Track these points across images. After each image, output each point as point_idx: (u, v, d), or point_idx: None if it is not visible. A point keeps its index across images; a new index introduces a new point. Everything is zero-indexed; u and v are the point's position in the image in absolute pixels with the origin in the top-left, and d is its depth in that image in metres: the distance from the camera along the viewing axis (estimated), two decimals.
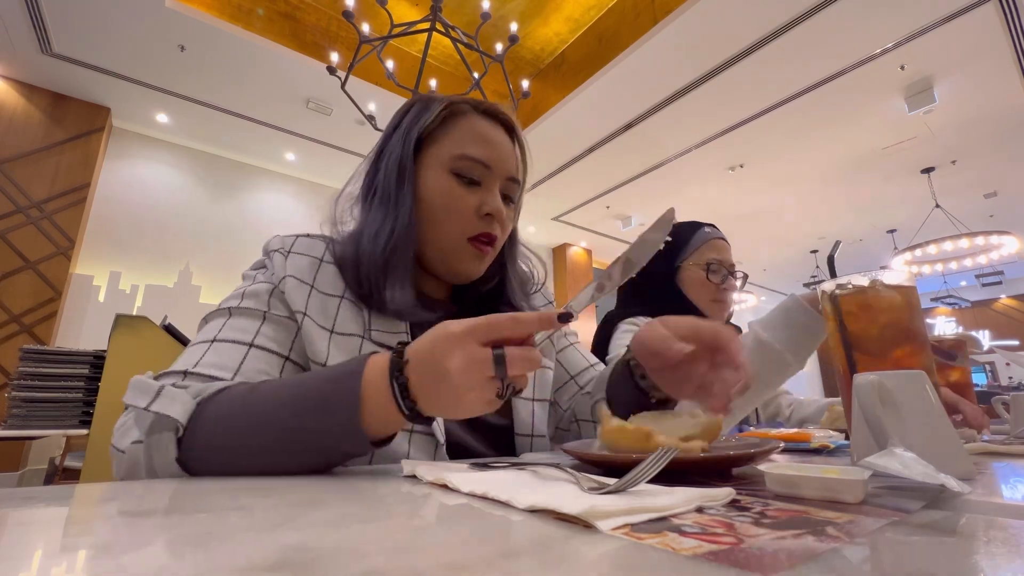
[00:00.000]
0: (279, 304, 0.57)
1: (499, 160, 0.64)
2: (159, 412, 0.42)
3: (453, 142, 0.63)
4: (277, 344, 0.55)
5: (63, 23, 3.15)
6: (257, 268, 0.63)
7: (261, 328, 0.54)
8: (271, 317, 0.56)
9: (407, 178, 0.62)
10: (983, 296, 9.95)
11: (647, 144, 4.59)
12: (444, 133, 0.64)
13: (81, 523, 0.27)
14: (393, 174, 0.63)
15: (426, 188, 0.63)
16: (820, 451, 0.57)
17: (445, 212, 0.62)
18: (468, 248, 0.63)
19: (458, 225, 0.62)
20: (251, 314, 0.55)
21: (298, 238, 0.64)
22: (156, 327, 0.85)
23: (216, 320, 0.55)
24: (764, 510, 0.27)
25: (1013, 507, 0.29)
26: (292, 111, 4.13)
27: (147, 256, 4.24)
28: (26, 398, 1.68)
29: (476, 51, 2.53)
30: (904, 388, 0.39)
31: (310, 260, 0.61)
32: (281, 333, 0.56)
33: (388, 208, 0.62)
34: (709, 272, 1.16)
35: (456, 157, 0.62)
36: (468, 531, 0.24)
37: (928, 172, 5.09)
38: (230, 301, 0.57)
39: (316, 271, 0.60)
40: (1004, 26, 3.18)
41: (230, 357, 0.51)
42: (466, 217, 0.62)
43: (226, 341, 0.52)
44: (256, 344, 0.53)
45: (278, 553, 0.19)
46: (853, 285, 0.54)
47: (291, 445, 0.42)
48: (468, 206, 0.62)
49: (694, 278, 1.17)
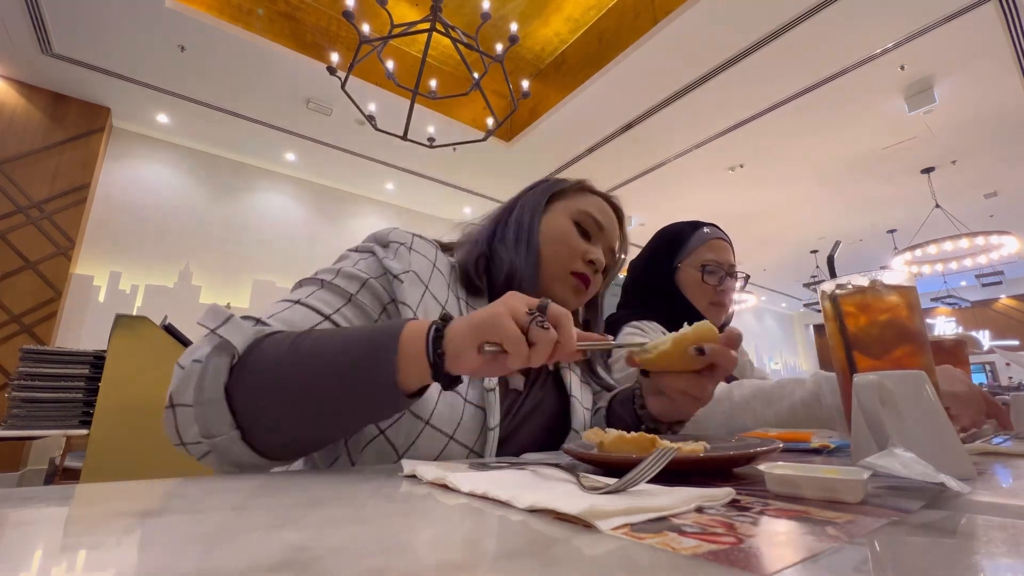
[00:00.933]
0: (368, 295, 0.60)
1: (610, 228, 0.78)
2: (222, 336, 0.45)
3: (580, 202, 0.78)
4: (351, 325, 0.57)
5: (63, 23, 3.15)
6: (363, 252, 0.65)
7: (343, 307, 0.58)
8: (356, 301, 0.59)
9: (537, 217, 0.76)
10: (983, 296, 9.95)
11: (647, 144, 4.59)
12: (574, 196, 0.80)
13: (81, 523, 0.27)
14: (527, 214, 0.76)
15: (550, 225, 0.76)
16: (820, 451, 0.57)
17: (560, 244, 0.74)
18: (570, 279, 0.74)
19: (568, 258, 0.74)
20: (339, 292, 0.59)
21: (415, 237, 0.69)
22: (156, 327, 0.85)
23: (307, 287, 0.59)
24: (764, 510, 0.27)
25: (1013, 507, 0.29)
26: (292, 111, 4.13)
27: (147, 256, 4.24)
28: (26, 398, 1.68)
29: (476, 51, 2.53)
30: (904, 388, 0.39)
31: (427, 261, 0.66)
32: (359, 318, 0.59)
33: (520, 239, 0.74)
34: (705, 273, 1.13)
35: (580, 211, 0.76)
36: (468, 531, 0.24)
37: (928, 172, 5.10)
38: (325, 274, 0.60)
39: (431, 274, 0.65)
40: (1004, 26, 3.18)
41: (304, 320, 0.54)
42: (575, 254, 0.74)
43: (307, 307, 0.56)
44: (332, 318, 0.56)
45: (278, 553, 0.19)
46: (853, 285, 0.54)
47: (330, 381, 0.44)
48: (579, 247, 0.74)
49: (691, 279, 1.15)
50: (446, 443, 0.57)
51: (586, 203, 0.78)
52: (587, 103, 4.03)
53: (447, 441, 0.57)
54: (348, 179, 5.29)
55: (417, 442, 0.55)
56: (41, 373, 1.70)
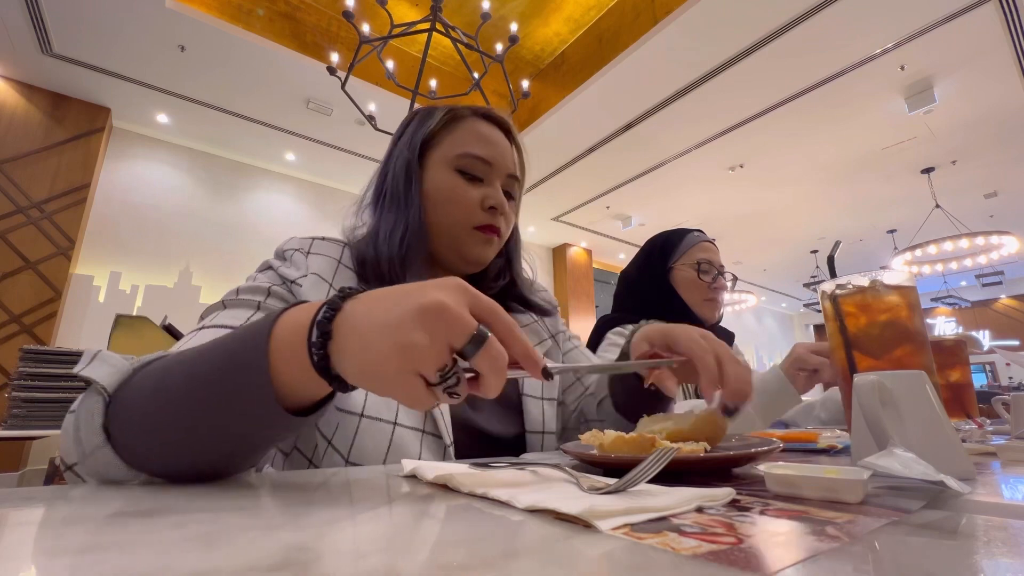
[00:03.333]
0: (277, 302, 0.56)
1: (499, 157, 0.69)
2: (85, 376, 0.38)
3: (456, 143, 0.68)
4: None
5: (63, 23, 3.15)
6: (262, 270, 0.63)
7: (252, 317, 0.53)
8: (264, 307, 0.55)
9: (414, 178, 0.67)
10: (983, 296, 9.95)
11: (647, 144, 4.59)
12: (447, 136, 0.69)
13: (81, 523, 0.27)
14: (401, 176, 0.67)
15: (432, 185, 0.67)
16: (828, 451, 0.57)
17: (451, 204, 0.66)
18: (476, 234, 0.67)
19: (464, 216, 0.66)
20: (245, 304, 0.55)
21: (315, 240, 0.65)
22: (156, 327, 0.85)
23: (211, 313, 0.55)
24: (764, 510, 0.27)
25: (1013, 507, 0.29)
26: (292, 111, 4.13)
27: (147, 256, 4.24)
28: (26, 398, 1.68)
29: (476, 51, 2.52)
30: (904, 388, 0.39)
31: (329, 260, 0.62)
32: None
33: (399, 208, 0.66)
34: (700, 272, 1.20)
35: (459, 156, 0.67)
36: (468, 531, 0.24)
37: (928, 172, 5.09)
38: (228, 296, 0.56)
39: (335, 271, 0.62)
40: (1004, 26, 3.18)
41: None
42: (471, 208, 0.66)
43: (213, 327, 0.50)
44: None
45: (278, 553, 0.19)
46: (853, 285, 0.54)
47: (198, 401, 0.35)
48: (472, 198, 0.67)
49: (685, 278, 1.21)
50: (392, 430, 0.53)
51: (463, 140, 0.68)
52: (587, 103, 4.03)
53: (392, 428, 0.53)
54: (348, 179, 5.29)
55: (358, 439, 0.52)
56: (41, 373, 1.70)
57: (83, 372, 0.38)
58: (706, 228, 5.41)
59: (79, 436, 0.37)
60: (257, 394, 0.32)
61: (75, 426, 0.38)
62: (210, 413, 0.35)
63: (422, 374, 0.30)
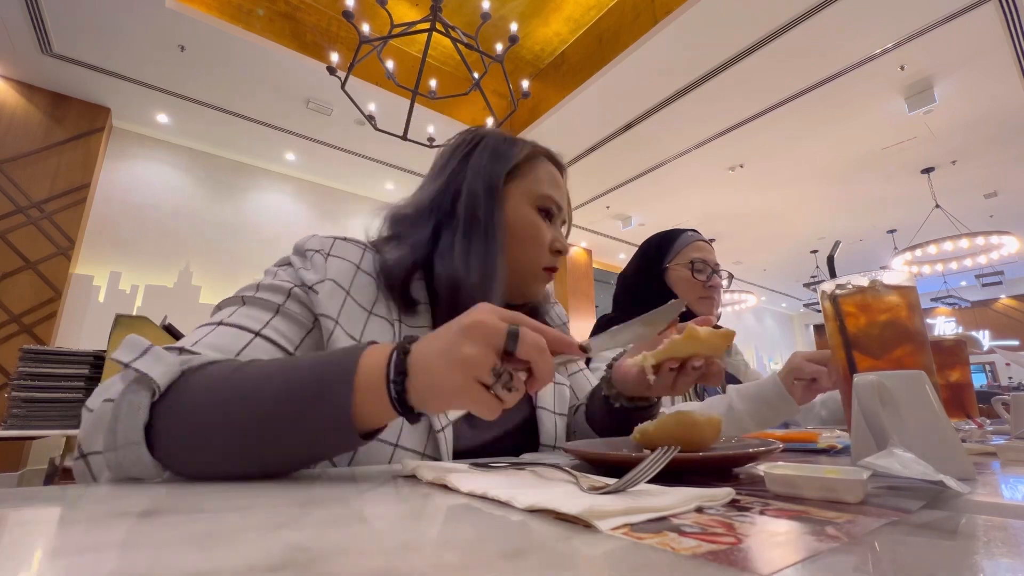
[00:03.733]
0: (296, 304, 0.56)
1: (565, 204, 0.74)
2: (139, 370, 0.39)
3: (538, 181, 0.70)
4: (285, 339, 0.53)
5: (63, 23, 3.15)
6: (281, 265, 0.61)
7: (272, 320, 0.53)
8: (284, 311, 0.54)
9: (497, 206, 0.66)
10: (983, 296, 9.95)
11: (647, 144, 4.59)
12: (529, 172, 0.70)
13: (80, 523, 0.27)
14: (482, 200, 0.65)
15: (514, 218, 0.67)
16: (827, 451, 0.57)
17: (530, 242, 0.68)
18: (541, 274, 0.70)
19: (538, 254, 0.69)
20: (265, 305, 0.54)
21: (336, 240, 0.63)
22: (156, 327, 0.85)
23: (228, 307, 0.54)
24: (764, 510, 0.27)
25: (1013, 507, 0.29)
26: (292, 111, 4.13)
27: (147, 256, 4.24)
28: (26, 398, 1.68)
29: (476, 51, 2.53)
30: (904, 388, 0.39)
31: (348, 265, 0.61)
32: (292, 329, 0.54)
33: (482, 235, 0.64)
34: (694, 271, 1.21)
35: (542, 196, 0.69)
36: (468, 531, 0.24)
37: (928, 172, 5.09)
38: (246, 291, 0.55)
39: (353, 278, 0.60)
40: (1004, 26, 3.18)
41: (232, 342, 0.49)
42: (544, 248, 0.69)
43: (232, 326, 0.50)
44: (262, 334, 0.51)
45: (278, 553, 0.19)
46: (853, 285, 0.54)
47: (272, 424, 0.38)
48: (547, 239, 0.69)
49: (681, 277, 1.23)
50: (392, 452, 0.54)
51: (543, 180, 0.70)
52: (587, 103, 4.03)
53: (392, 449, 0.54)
54: (348, 179, 5.29)
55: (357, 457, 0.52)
56: (41, 373, 1.70)
57: (136, 365, 0.39)
58: (706, 228, 5.37)
59: (115, 427, 0.38)
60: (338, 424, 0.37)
61: (113, 416, 0.38)
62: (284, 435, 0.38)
63: (480, 380, 0.36)
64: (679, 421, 0.45)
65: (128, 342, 0.40)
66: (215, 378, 0.40)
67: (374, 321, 0.59)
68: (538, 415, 0.70)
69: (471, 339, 0.36)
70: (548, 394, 0.73)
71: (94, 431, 0.39)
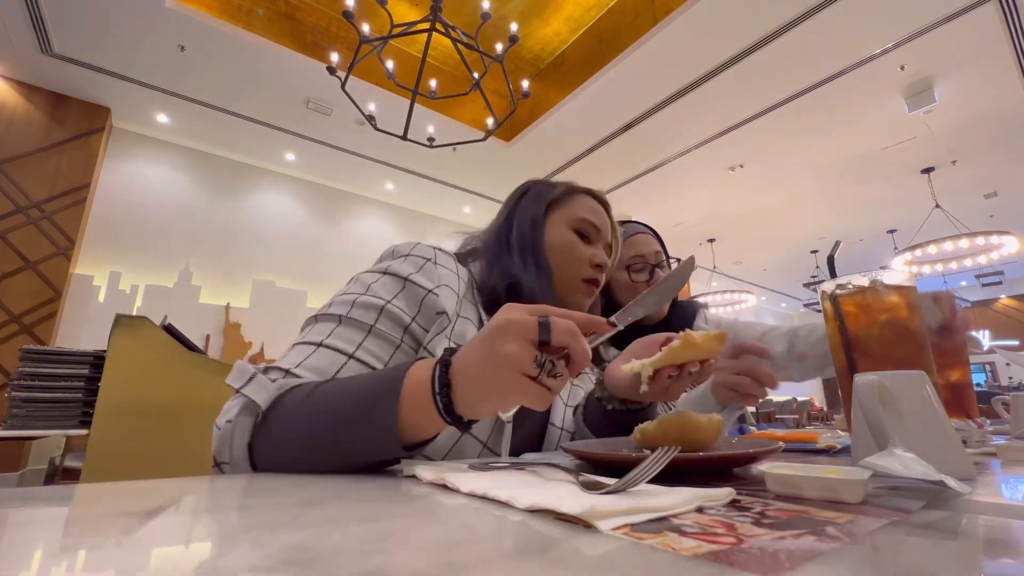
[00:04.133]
0: (388, 321, 0.61)
1: (605, 227, 0.83)
2: (247, 395, 0.48)
3: (575, 209, 0.81)
4: (375, 358, 0.58)
5: (63, 23, 3.15)
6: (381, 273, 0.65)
7: (364, 341, 0.58)
8: (376, 331, 0.59)
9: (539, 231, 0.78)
10: (983, 296, 9.95)
11: (647, 144, 4.59)
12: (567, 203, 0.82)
13: (81, 523, 0.27)
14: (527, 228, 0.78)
15: (553, 240, 0.79)
16: (827, 451, 0.57)
17: (569, 257, 0.78)
18: (583, 286, 0.78)
19: (577, 268, 0.78)
20: (358, 325, 0.59)
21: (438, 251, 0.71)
22: (156, 327, 0.84)
23: (325, 323, 0.60)
24: (764, 510, 0.27)
25: (1013, 507, 0.29)
26: (292, 111, 4.13)
27: (147, 256, 4.24)
28: (26, 398, 1.67)
29: (476, 51, 2.53)
30: (904, 388, 0.39)
31: (452, 274, 0.70)
32: (382, 348, 0.60)
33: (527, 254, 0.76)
34: (631, 272, 1.06)
35: (578, 219, 0.80)
36: (468, 531, 0.24)
37: (928, 172, 5.10)
38: (340, 307, 0.60)
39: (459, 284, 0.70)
40: (1004, 26, 3.19)
41: (330, 363, 0.55)
42: (583, 262, 0.78)
43: (330, 348, 0.56)
44: (356, 356, 0.57)
45: (279, 553, 0.19)
46: (853, 285, 0.54)
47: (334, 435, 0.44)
48: (585, 255, 0.78)
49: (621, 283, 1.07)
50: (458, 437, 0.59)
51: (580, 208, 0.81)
52: (587, 103, 4.03)
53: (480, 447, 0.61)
54: (348, 179, 5.29)
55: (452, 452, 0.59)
56: (41, 373, 1.70)
57: (245, 391, 0.48)
58: (706, 228, 5.37)
59: (233, 445, 0.47)
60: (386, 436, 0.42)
61: (231, 436, 0.47)
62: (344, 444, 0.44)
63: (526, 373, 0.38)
64: (679, 421, 0.46)
65: (238, 369, 0.49)
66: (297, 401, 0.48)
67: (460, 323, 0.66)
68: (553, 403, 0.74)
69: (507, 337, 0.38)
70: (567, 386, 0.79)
71: (221, 447, 0.48)
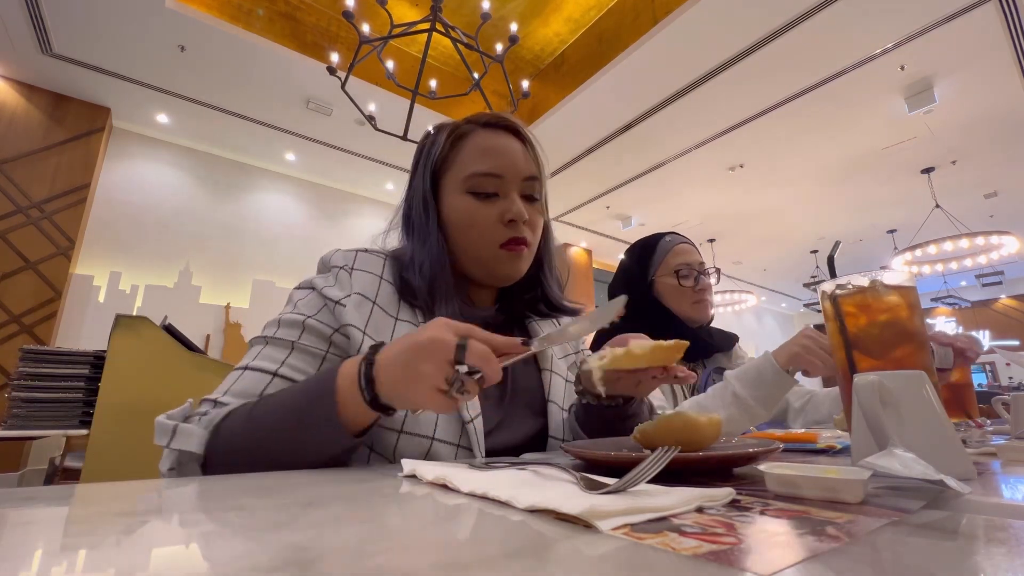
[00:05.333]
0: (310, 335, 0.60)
1: (509, 166, 0.68)
2: (180, 449, 0.50)
3: (462, 165, 0.69)
4: (299, 373, 0.59)
5: (63, 23, 3.15)
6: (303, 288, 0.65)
7: (287, 359, 0.59)
8: (299, 347, 0.60)
9: (430, 210, 0.69)
10: (983, 296, 9.95)
11: (647, 144, 4.59)
12: (455, 158, 0.70)
13: (81, 523, 0.27)
14: (419, 207, 0.70)
15: (449, 212, 0.69)
16: (826, 451, 0.57)
17: (470, 229, 0.67)
18: (501, 253, 0.68)
19: (487, 236, 0.67)
20: (281, 344, 0.60)
21: (358, 253, 0.67)
22: (156, 327, 0.84)
23: (256, 346, 0.61)
24: (764, 510, 0.27)
25: (1013, 507, 0.29)
26: (292, 111, 4.13)
27: (147, 256, 4.24)
28: (26, 398, 1.67)
29: (476, 51, 2.52)
30: (904, 388, 0.39)
31: (372, 277, 0.65)
32: (307, 361, 0.60)
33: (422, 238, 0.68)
34: (680, 278, 1.19)
35: (467, 177, 0.67)
36: (468, 531, 0.24)
37: (928, 172, 5.09)
38: (270, 328, 0.61)
39: (378, 288, 0.65)
40: (1004, 26, 3.18)
41: (254, 385, 0.57)
42: (490, 227, 0.67)
43: (254, 370, 0.58)
44: (279, 374, 0.58)
45: (278, 553, 0.19)
46: (853, 285, 0.54)
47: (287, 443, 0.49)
48: (490, 217, 0.67)
49: (668, 287, 1.21)
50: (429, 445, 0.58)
51: (468, 160, 0.68)
52: (587, 103, 4.03)
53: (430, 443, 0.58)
54: (348, 179, 5.29)
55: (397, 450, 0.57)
56: (41, 373, 1.70)
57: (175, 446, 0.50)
58: (706, 228, 5.38)
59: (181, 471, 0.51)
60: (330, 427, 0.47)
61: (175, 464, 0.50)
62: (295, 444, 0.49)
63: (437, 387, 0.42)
64: (679, 421, 0.46)
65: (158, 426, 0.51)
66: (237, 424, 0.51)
67: (401, 326, 0.63)
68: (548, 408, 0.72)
69: (426, 357, 0.42)
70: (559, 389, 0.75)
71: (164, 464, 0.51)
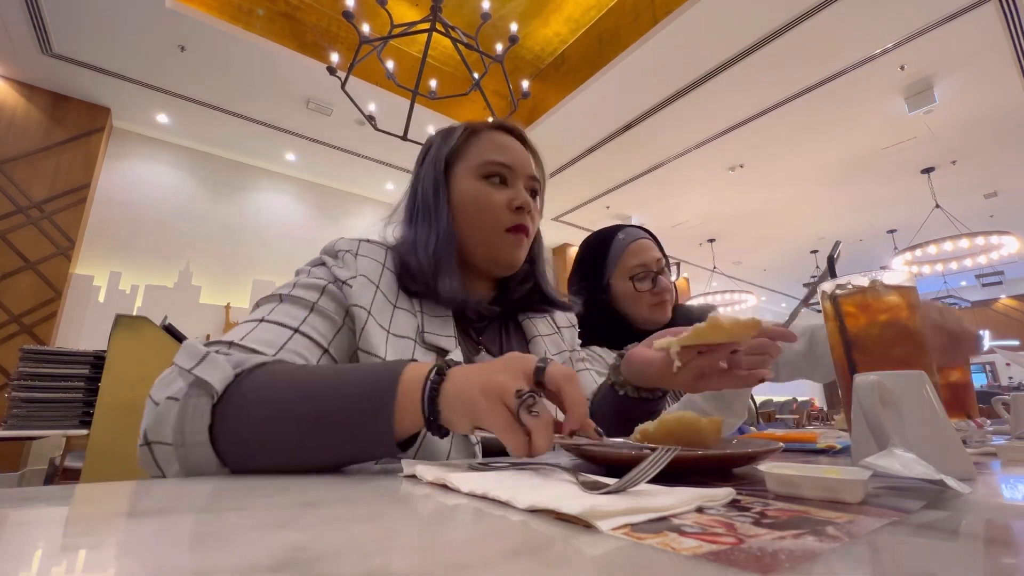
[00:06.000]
0: (329, 301, 0.60)
1: (519, 161, 0.74)
2: (199, 376, 0.44)
3: (477, 154, 0.73)
4: (320, 335, 0.57)
5: (63, 23, 3.15)
6: (315, 265, 0.66)
7: (308, 317, 0.57)
8: (319, 309, 0.59)
9: (441, 192, 0.71)
10: (983, 296, 9.95)
11: (647, 144, 4.59)
12: (468, 150, 0.74)
13: (81, 523, 0.27)
14: (430, 191, 0.72)
15: (460, 195, 0.72)
16: (826, 451, 0.57)
17: (480, 210, 0.70)
18: (507, 237, 0.71)
19: (494, 218, 0.70)
20: (301, 303, 0.58)
21: (362, 242, 0.68)
22: (156, 327, 0.84)
23: (267, 304, 0.59)
24: (764, 510, 0.27)
25: (1013, 507, 0.29)
26: (292, 111, 4.13)
27: (147, 256, 4.24)
28: (26, 398, 1.67)
29: (476, 51, 2.53)
30: (904, 388, 0.39)
31: (375, 263, 0.66)
32: (325, 326, 0.59)
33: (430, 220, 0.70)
34: (635, 282, 1.08)
35: (482, 164, 0.72)
36: (468, 531, 0.24)
37: (928, 172, 5.10)
38: (283, 289, 0.60)
39: (380, 274, 0.65)
40: (1004, 26, 3.19)
41: (276, 336, 0.54)
42: (499, 211, 0.70)
43: (273, 323, 0.55)
44: (301, 330, 0.56)
45: (279, 553, 0.19)
46: (853, 285, 0.54)
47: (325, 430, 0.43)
48: (499, 201, 0.70)
49: (624, 292, 1.09)
50: None
51: (483, 150, 0.73)
52: (587, 103, 4.03)
53: None
54: (348, 179, 5.29)
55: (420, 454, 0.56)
56: (41, 373, 1.70)
57: (196, 372, 0.44)
58: (706, 228, 5.38)
59: (182, 427, 0.42)
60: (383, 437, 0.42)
61: (180, 416, 0.43)
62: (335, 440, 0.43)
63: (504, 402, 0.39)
64: (679, 421, 0.46)
65: (187, 348, 0.46)
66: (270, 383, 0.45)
67: (399, 313, 0.64)
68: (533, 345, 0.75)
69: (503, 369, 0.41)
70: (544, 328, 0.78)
71: (160, 424, 0.43)
